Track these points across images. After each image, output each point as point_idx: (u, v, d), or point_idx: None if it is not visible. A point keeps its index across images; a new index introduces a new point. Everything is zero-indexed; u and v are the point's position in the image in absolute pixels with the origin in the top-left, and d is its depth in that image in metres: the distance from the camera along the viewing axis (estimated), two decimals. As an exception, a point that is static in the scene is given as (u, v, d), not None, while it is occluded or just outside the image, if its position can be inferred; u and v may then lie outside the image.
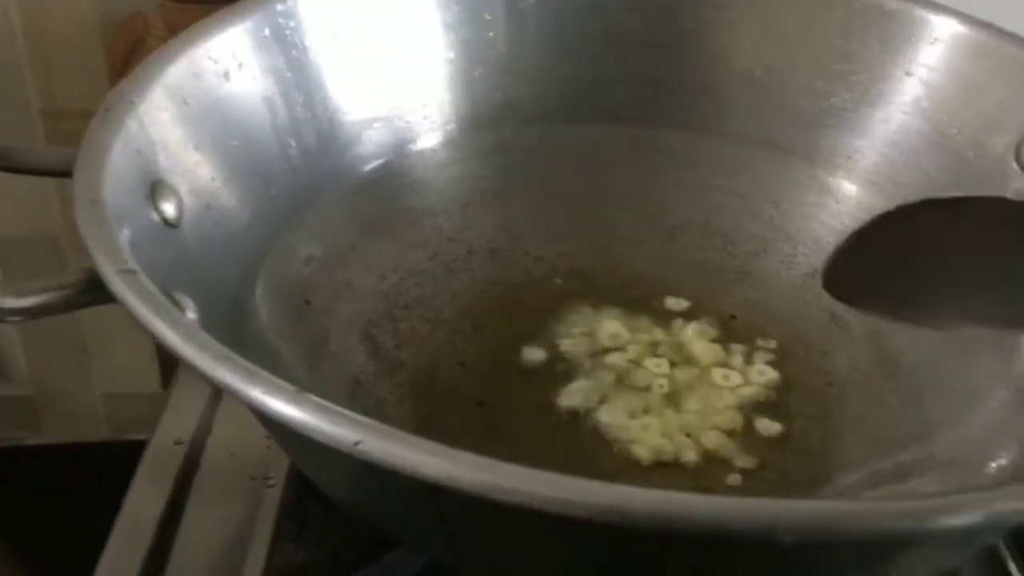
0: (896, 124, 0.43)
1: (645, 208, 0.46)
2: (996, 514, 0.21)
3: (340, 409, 0.22)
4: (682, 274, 0.45)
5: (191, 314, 0.29)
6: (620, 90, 0.46)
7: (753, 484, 0.36)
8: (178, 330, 0.24)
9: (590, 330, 0.42)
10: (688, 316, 0.43)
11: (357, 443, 0.21)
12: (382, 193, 0.43)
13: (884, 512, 0.20)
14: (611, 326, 0.42)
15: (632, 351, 0.41)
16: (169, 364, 0.60)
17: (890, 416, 0.38)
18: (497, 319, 0.42)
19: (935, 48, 0.42)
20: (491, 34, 0.44)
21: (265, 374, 0.23)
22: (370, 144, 0.43)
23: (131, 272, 0.26)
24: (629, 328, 0.42)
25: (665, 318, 0.42)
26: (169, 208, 0.32)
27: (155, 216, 0.32)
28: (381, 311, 0.41)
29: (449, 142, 0.45)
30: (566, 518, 0.20)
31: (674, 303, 0.43)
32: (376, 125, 0.43)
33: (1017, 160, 0.39)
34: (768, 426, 0.38)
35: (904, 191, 0.42)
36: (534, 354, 0.41)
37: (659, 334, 0.42)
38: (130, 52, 0.50)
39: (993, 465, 0.33)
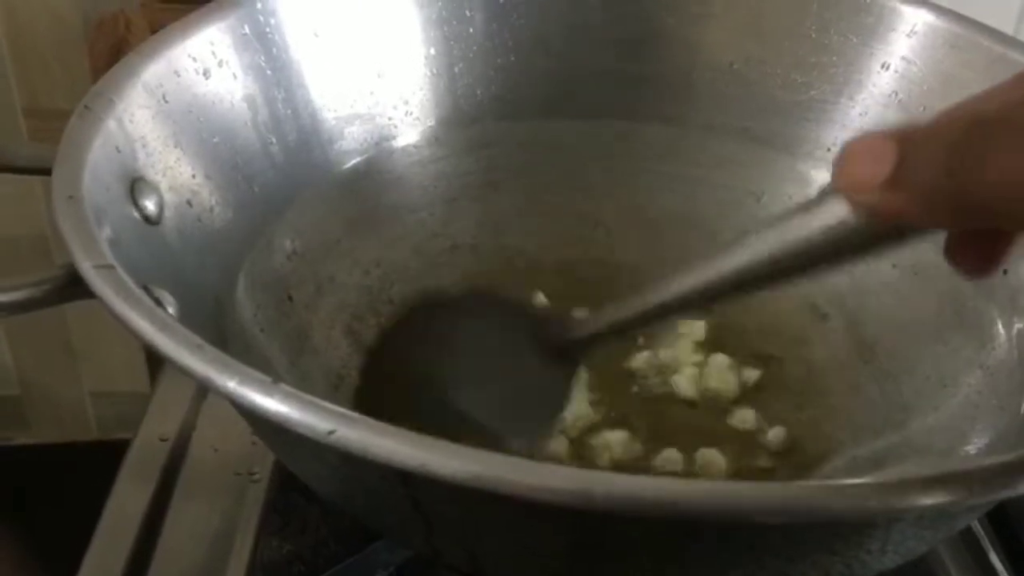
0: (874, 116, 0.43)
1: (627, 201, 0.46)
2: (963, 495, 0.21)
3: (313, 398, 0.22)
4: (664, 266, 0.45)
5: (170, 309, 0.29)
6: (601, 85, 0.47)
7: (732, 470, 0.36)
8: (154, 323, 0.24)
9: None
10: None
11: (331, 432, 0.22)
12: (364, 189, 0.43)
13: (849, 494, 0.20)
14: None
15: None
16: (157, 363, 0.60)
17: (868, 403, 0.38)
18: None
19: (911, 40, 0.42)
20: (471, 30, 0.45)
21: (239, 364, 0.23)
22: (352, 140, 0.43)
23: (108, 267, 0.26)
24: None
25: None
26: (149, 205, 0.32)
27: (135, 213, 0.32)
28: (364, 305, 0.41)
29: (431, 138, 0.45)
30: (537, 503, 0.21)
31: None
32: (357, 121, 0.43)
33: (991, 150, 0.39)
34: (748, 415, 0.39)
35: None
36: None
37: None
38: (112, 51, 0.50)
39: (968, 450, 0.34)
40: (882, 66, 0.43)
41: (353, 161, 0.43)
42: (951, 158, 0.20)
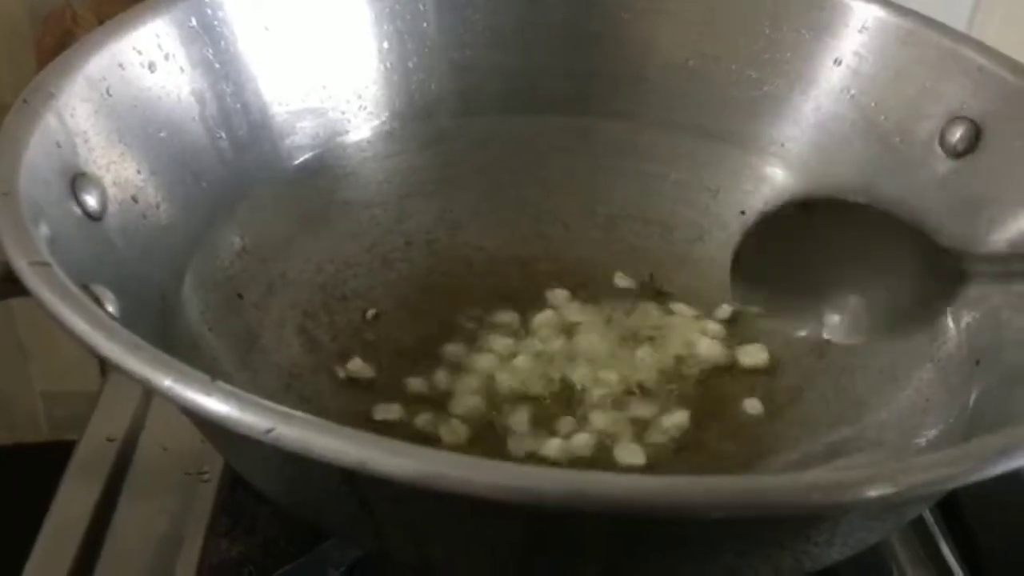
0: (826, 111, 0.44)
1: (583, 197, 0.46)
2: (905, 487, 0.21)
3: (251, 396, 0.22)
4: (621, 261, 0.45)
5: (111, 308, 0.28)
6: (556, 80, 0.46)
7: (685, 466, 0.36)
8: (89, 321, 0.23)
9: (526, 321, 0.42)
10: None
11: (270, 430, 0.21)
12: (317, 185, 0.43)
13: (793, 488, 0.20)
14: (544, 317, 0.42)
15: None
16: (110, 362, 0.59)
17: (822, 397, 0.38)
18: (436, 310, 0.42)
19: (863, 36, 0.43)
20: (425, 24, 0.44)
21: (177, 363, 0.22)
22: (304, 135, 0.42)
23: (44, 264, 0.25)
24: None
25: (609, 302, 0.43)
26: (91, 201, 0.32)
27: (76, 209, 0.31)
28: (317, 303, 0.41)
29: (385, 133, 0.44)
30: (479, 500, 0.20)
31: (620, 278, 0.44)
32: (309, 116, 0.42)
33: (942, 145, 0.40)
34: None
35: (835, 177, 0.43)
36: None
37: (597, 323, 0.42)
38: (59, 45, 0.49)
39: (919, 442, 0.34)
40: (834, 61, 0.43)
41: (305, 156, 0.42)
42: None
